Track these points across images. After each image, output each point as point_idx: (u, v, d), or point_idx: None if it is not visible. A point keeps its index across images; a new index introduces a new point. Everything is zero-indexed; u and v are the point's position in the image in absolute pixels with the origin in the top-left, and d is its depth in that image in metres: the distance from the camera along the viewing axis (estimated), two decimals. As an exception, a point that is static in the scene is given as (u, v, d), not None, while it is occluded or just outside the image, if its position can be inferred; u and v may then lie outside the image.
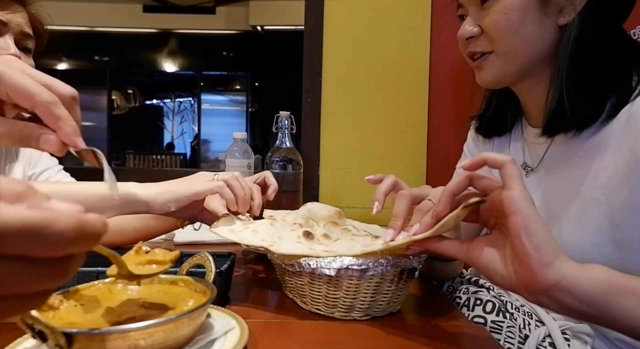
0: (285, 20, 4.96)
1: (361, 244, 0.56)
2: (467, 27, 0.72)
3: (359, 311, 0.57)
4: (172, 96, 7.46)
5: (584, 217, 0.68)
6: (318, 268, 0.54)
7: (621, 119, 0.65)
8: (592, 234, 0.67)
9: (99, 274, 0.56)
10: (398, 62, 1.47)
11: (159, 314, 0.38)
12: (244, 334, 0.45)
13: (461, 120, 1.02)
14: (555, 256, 0.44)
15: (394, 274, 0.56)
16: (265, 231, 0.61)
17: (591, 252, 0.67)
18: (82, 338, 0.35)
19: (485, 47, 0.72)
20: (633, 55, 0.69)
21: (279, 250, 0.56)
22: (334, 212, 0.73)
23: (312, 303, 0.59)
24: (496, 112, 0.84)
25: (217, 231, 0.63)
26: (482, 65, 0.73)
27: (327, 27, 1.48)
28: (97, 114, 6.53)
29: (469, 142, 0.95)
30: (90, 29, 5.22)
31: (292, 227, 0.64)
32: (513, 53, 0.70)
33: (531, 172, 0.78)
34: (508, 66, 0.71)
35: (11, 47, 0.86)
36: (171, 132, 7.54)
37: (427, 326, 0.57)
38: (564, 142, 0.70)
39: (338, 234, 0.63)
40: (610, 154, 0.65)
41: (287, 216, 0.69)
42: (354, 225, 0.70)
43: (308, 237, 0.59)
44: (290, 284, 0.62)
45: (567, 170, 0.71)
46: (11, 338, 0.42)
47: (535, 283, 0.44)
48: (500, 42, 0.70)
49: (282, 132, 1.23)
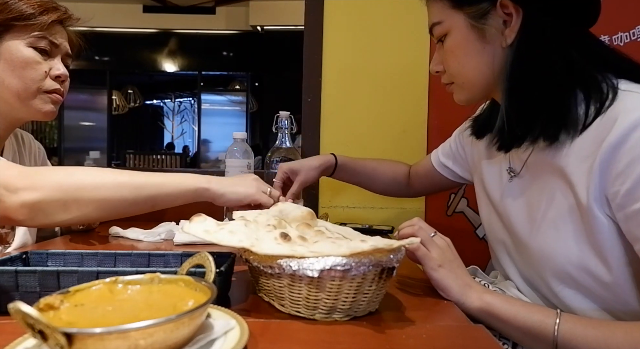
0: (285, 20, 4.97)
1: (345, 247, 0.55)
2: (432, 66, 0.82)
3: (340, 312, 0.56)
4: (172, 96, 7.47)
5: (561, 222, 0.69)
6: (300, 269, 0.53)
7: (592, 129, 0.65)
8: (571, 241, 0.68)
9: (99, 274, 0.56)
10: (398, 63, 1.47)
11: (159, 314, 0.38)
12: (244, 334, 0.45)
13: (460, 121, 1.03)
14: (463, 296, 0.67)
15: (375, 274, 0.56)
16: (242, 232, 0.59)
17: (573, 261, 0.68)
18: (82, 338, 0.35)
19: (447, 79, 0.81)
20: (601, 61, 0.69)
21: (262, 251, 0.55)
22: (306, 213, 0.72)
23: (291, 305, 0.57)
24: (487, 115, 0.87)
25: (192, 231, 0.61)
26: (451, 90, 0.82)
27: (327, 27, 1.48)
28: (97, 114, 6.54)
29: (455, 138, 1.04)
30: (90, 29, 5.22)
31: (266, 229, 0.62)
32: (468, 83, 0.77)
33: (515, 177, 0.79)
34: (469, 93, 0.79)
35: (61, 69, 0.97)
36: (171, 132, 7.54)
37: (428, 325, 0.57)
38: (542, 148, 0.71)
39: (313, 236, 0.62)
40: (581, 164, 0.65)
41: (259, 216, 0.68)
42: (326, 227, 0.69)
43: (285, 238, 0.58)
44: (267, 287, 0.60)
45: (545, 176, 0.72)
46: (11, 338, 0.42)
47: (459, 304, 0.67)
48: (455, 76, 0.78)
49: (282, 132, 1.23)
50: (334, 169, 1.16)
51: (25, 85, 0.92)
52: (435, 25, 0.77)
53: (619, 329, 0.59)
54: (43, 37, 0.93)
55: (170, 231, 1.06)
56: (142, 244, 1.03)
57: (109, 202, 0.70)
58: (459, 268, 0.70)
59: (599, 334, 0.59)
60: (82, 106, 6.44)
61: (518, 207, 0.78)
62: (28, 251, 0.68)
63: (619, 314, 0.67)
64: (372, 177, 1.20)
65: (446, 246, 0.71)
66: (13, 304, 0.34)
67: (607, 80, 0.66)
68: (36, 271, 0.56)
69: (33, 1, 0.92)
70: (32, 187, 0.64)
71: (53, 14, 0.94)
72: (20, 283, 0.55)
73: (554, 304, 0.72)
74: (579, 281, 0.68)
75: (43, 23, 0.92)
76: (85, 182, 0.69)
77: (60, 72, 0.96)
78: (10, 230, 0.97)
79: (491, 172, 0.86)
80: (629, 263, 0.64)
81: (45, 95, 0.95)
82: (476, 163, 0.93)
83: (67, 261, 0.69)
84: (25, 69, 0.92)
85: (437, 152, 1.09)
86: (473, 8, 0.72)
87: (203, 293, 0.46)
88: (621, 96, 0.64)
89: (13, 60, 0.91)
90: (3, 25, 0.90)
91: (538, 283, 0.76)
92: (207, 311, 0.46)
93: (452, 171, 1.05)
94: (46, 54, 0.95)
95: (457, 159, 1.03)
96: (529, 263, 0.76)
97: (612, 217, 0.63)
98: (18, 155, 1.06)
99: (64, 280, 0.56)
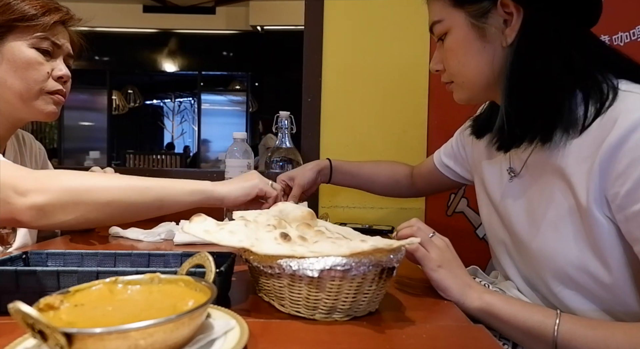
0: (285, 20, 4.97)
1: (345, 247, 0.55)
2: (432, 65, 0.82)
3: (340, 312, 0.56)
4: (172, 96, 7.47)
5: (561, 223, 0.69)
6: (300, 269, 0.53)
7: (592, 129, 0.65)
8: (571, 241, 0.68)
9: (99, 274, 0.56)
10: (398, 63, 1.47)
11: (159, 314, 0.38)
12: (244, 334, 0.45)
13: (460, 121, 1.03)
14: (463, 296, 0.67)
15: (375, 274, 0.56)
16: (242, 232, 0.59)
17: (573, 262, 0.68)
18: (82, 338, 0.35)
19: (447, 78, 0.81)
20: (602, 61, 0.69)
21: (262, 251, 0.55)
22: (306, 213, 0.72)
23: (291, 305, 0.57)
24: (488, 115, 0.87)
25: (192, 231, 0.60)
26: (451, 89, 0.81)
27: (327, 27, 1.48)
28: (97, 114, 6.54)
29: (456, 138, 1.04)
30: (90, 29, 5.22)
31: (266, 229, 0.62)
32: (468, 82, 0.77)
33: (515, 177, 0.79)
34: (469, 92, 0.79)
35: (63, 69, 0.97)
36: (171, 132, 7.54)
37: (428, 325, 0.57)
38: (542, 148, 0.70)
39: (313, 236, 0.62)
40: (581, 165, 0.65)
41: (258, 216, 0.68)
42: (326, 227, 0.69)
43: (285, 239, 0.58)
44: (267, 287, 0.60)
45: (545, 176, 0.72)
46: (11, 338, 0.42)
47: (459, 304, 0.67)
48: (454, 75, 0.78)
49: (282, 132, 1.23)
50: (330, 171, 1.16)
51: (27, 86, 0.92)
52: (436, 24, 0.77)
53: (618, 330, 0.59)
54: (45, 38, 0.93)
55: (170, 231, 1.06)
56: (142, 244, 1.02)
57: (116, 206, 0.70)
58: (458, 268, 0.70)
59: (598, 334, 0.59)
60: (82, 106, 6.44)
61: (518, 207, 0.78)
62: (28, 251, 0.68)
63: (618, 315, 0.67)
64: (371, 179, 1.20)
65: (445, 246, 0.71)
66: (13, 304, 0.34)
67: (607, 81, 0.66)
68: (36, 271, 0.56)
69: (35, 2, 0.92)
70: (41, 189, 0.64)
71: (55, 15, 0.94)
72: (20, 283, 0.55)
73: (554, 304, 0.72)
74: (578, 282, 0.68)
75: (45, 24, 0.92)
76: (93, 185, 0.69)
77: (63, 72, 0.96)
78: (11, 231, 0.97)
79: (491, 172, 0.86)
80: (628, 264, 0.64)
81: (48, 96, 0.95)
82: (476, 163, 0.93)
83: (67, 261, 0.69)
84: (28, 69, 0.92)
85: (440, 152, 1.09)
86: (474, 7, 0.72)
87: (203, 293, 0.46)
88: (621, 96, 0.64)
89: (15, 61, 0.91)
90: (5, 26, 0.90)
91: (538, 283, 0.76)
92: (207, 311, 0.46)
93: (453, 171, 1.05)
94: (48, 54, 0.95)
95: (458, 159, 1.03)
96: (529, 263, 0.76)
97: (612, 218, 0.63)
98: (19, 155, 1.06)
99: (64, 280, 0.56)
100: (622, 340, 0.57)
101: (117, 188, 0.70)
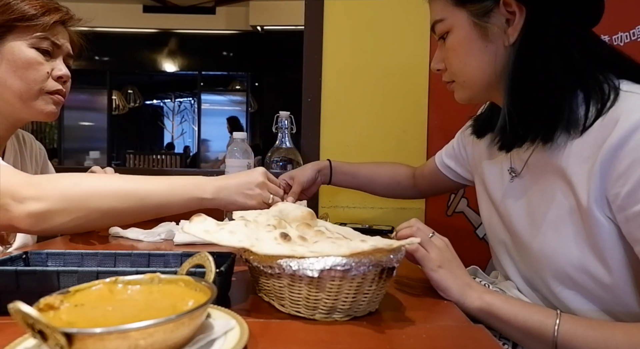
0: (285, 20, 4.96)
1: (345, 247, 0.55)
2: (433, 64, 0.81)
3: (340, 312, 0.56)
4: (172, 96, 7.46)
5: (562, 223, 0.69)
6: (300, 269, 0.53)
7: (593, 130, 0.65)
8: (571, 242, 0.68)
9: (99, 274, 0.56)
10: (398, 63, 1.47)
11: (159, 314, 0.38)
12: (244, 334, 0.45)
13: (460, 121, 1.03)
14: (463, 296, 0.67)
15: (375, 274, 0.56)
16: (242, 232, 0.59)
17: (573, 262, 0.68)
18: (82, 338, 0.35)
19: (448, 77, 0.81)
20: (603, 62, 0.69)
21: (262, 251, 0.55)
22: (306, 213, 0.72)
23: (291, 305, 0.57)
24: (488, 115, 0.87)
25: (192, 231, 0.60)
26: (452, 89, 0.81)
27: (327, 27, 1.49)
28: (97, 114, 6.53)
29: (457, 138, 1.04)
30: (90, 29, 5.23)
31: (266, 229, 0.62)
32: (469, 81, 0.77)
33: (516, 178, 0.79)
34: (470, 91, 0.79)
35: (63, 69, 0.97)
36: (171, 132, 7.54)
37: (428, 325, 0.57)
38: (543, 149, 0.70)
39: (313, 236, 0.62)
40: (582, 165, 0.65)
41: (258, 216, 0.68)
42: (326, 227, 0.69)
43: (285, 239, 0.58)
44: (267, 287, 0.60)
45: (545, 176, 0.72)
46: (11, 338, 0.42)
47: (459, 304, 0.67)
48: (456, 75, 0.78)
49: (282, 132, 1.23)
50: (330, 172, 1.16)
51: (27, 86, 0.92)
52: (438, 23, 0.76)
53: (618, 330, 0.59)
54: (45, 38, 0.93)
55: (170, 231, 1.06)
56: (142, 244, 1.02)
57: (115, 213, 0.70)
58: (458, 268, 0.70)
59: (598, 335, 0.59)
60: (82, 106, 6.43)
61: (519, 207, 0.78)
62: (28, 251, 0.68)
63: (618, 315, 0.67)
64: (372, 180, 1.20)
65: (445, 246, 0.71)
66: (13, 304, 0.34)
67: (608, 81, 0.66)
68: (36, 271, 0.56)
69: (35, 2, 0.92)
70: (39, 197, 0.64)
71: (55, 15, 0.94)
72: (20, 283, 0.55)
73: (554, 304, 0.72)
74: (578, 282, 0.68)
75: (45, 24, 0.92)
76: (92, 192, 0.68)
77: (62, 72, 0.96)
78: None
79: (492, 172, 0.86)
80: (629, 264, 0.64)
81: (47, 96, 0.95)
82: (477, 163, 0.93)
83: (67, 261, 0.69)
84: (28, 69, 0.92)
85: (441, 153, 1.09)
86: (476, 6, 0.71)
87: (203, 293, 0.46)
88: (623, 96, 0.64)
89: (15, 61, 0.91)
90: (5, 26, 0.90)
91: (538, 283, 0.76)
92: (207, 311, 0.46)
93: (454, 171, 1.05)
94: (48, 54, 0.95)
95: (459, 159, 1.03)
96: (529, 263, 0.76)
97: (613, 218, 0.63)
98: (19, 156, 1.06)
99: (64, 280, 0.56)
100: (622, 340, 0.57)
101: (116, 195, 0.70)
